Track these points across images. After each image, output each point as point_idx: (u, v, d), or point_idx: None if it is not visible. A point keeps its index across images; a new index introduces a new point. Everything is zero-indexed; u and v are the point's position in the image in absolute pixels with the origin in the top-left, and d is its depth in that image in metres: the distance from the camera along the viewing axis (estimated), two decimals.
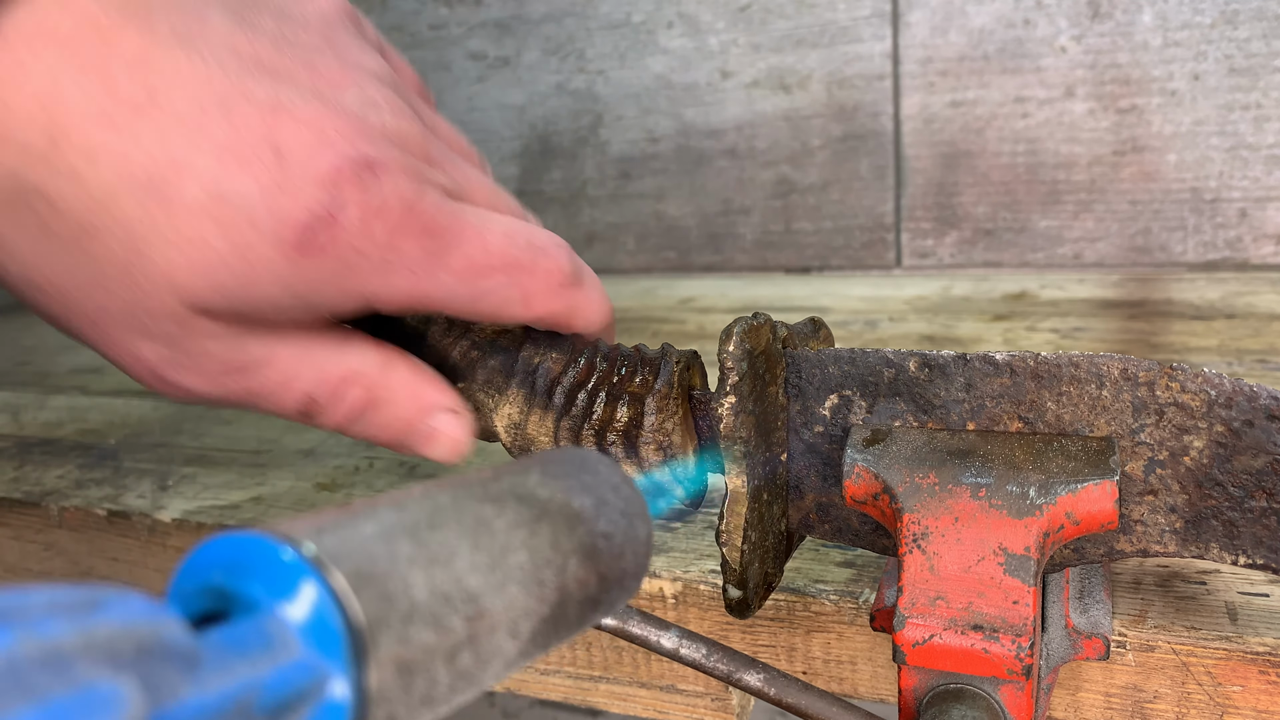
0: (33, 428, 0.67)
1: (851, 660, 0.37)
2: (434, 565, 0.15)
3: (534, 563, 0.17)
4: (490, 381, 0.37)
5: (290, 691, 0.13)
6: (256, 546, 0.14)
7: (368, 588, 0.14)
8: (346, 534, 0.15)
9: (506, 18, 1.05)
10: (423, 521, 0.16)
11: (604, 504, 0.19)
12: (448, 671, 0.15)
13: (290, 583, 0.14)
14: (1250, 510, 0.29)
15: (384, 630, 0.14)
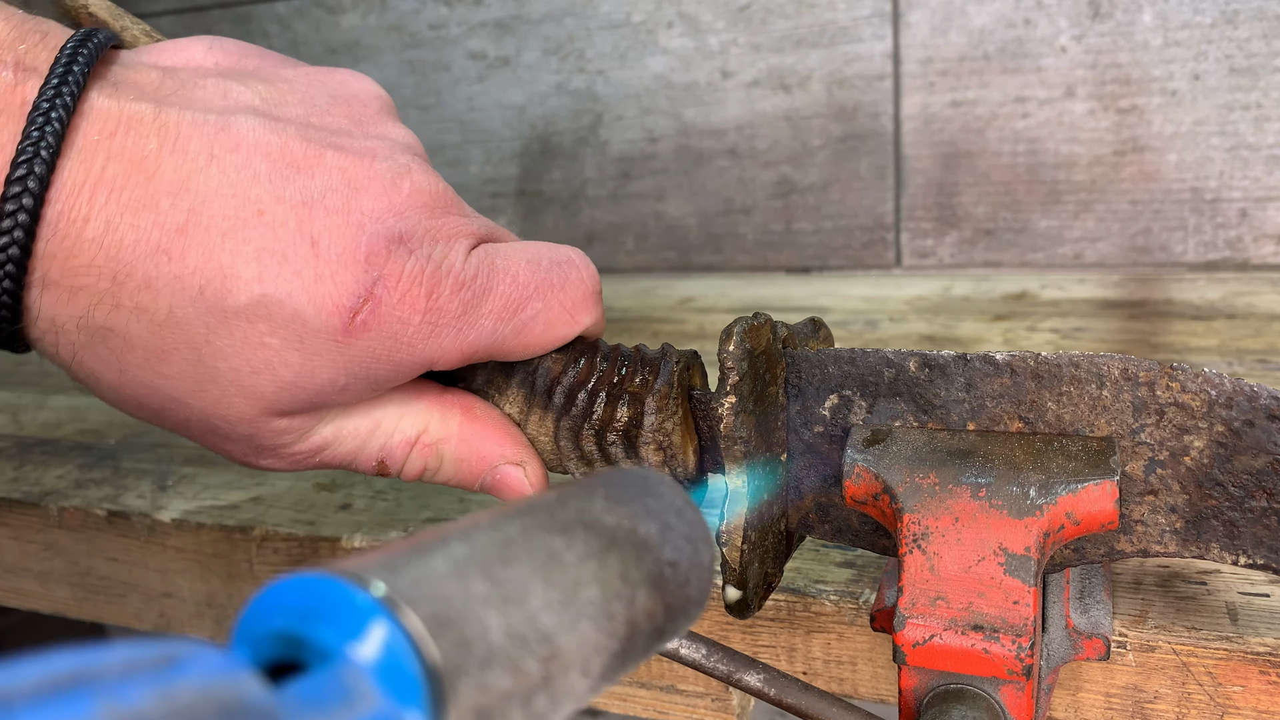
0: (33, 428, 0.67)
1: (852, 660, 0.37)
2: (508, 605, 0.15)
3: (604, 597, 0.17)
4: (490, 381, 0.37)
5: None
6: (327, 589, 0.13)
7: (445, 632, 0.14)
8: (419, 573, 0.14)
9: (506, 18, 1.05)
10: (494, 557, 0.15)
11: (669, 529, 0.19)
12: (522, 715, 0.15)
13: (365, 628, 0.13)
14: (1251, 510, 0.29)
15: (462, 677, 0.14)
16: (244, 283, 0.28)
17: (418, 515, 0.46)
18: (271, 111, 0.30)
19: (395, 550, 0.15)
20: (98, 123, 0.27)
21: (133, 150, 0.27)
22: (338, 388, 0.30)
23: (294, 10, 1.14)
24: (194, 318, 0.28)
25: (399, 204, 0.30)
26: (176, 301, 0.27)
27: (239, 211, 0.28)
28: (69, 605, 0.53)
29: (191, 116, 0.28)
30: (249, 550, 0.47)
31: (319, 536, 0.45)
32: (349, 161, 0.30)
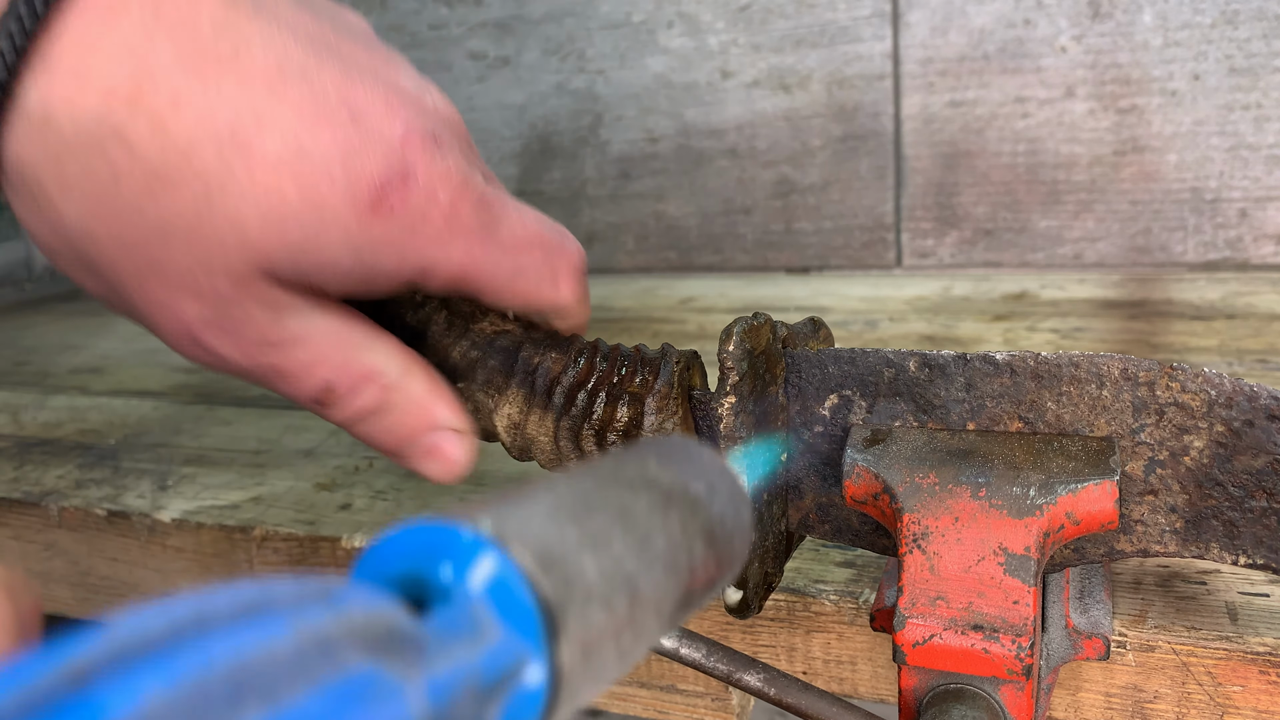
0: (33, 428, 0.67)
1: (851, 660, 0.37)
2: (599, 549, 0.16)
3: (670, 546, 0.18)
4: (490, 381, 0.37)
5: (499, 671, 0.13)
6: (444, 535, 0.14)
7: (552, 570, 0.15)
8: (522, 518, 0.15)
9: (506, 18, 1.05)
10: (579, 507, 0.16)
11: (714, 490, 0.20)
12: (614, 650, 0.16)
13: (483, 566, 0.14)
14: (1250, 510, 0.29)
15: (569, 612, 0.15)
16: (280, 132, 0.27)
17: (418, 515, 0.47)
18: (308, 4, 0.30)
19: (495, 502, 0.16)
20: None
21: None
22: (339, 269, 0.29)
23: None
24: (215, 151, 0.27)
25: (429, 110, 0.30)
26: (200, 126, 0.26)
27: (282, 64, 0.27)
28: (69, 605, 0.53)
29: None
30: (249, 550, 0.47)
31: (319, 536, 0.46)
32: (380, 62, 0.30)
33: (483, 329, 0.38)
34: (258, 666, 0.11)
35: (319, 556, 0.46)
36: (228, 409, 0.67)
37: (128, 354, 0.87)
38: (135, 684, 0.10)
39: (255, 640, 0.11)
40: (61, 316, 1.10)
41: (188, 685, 0.10)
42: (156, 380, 0.77)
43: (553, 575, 0.15)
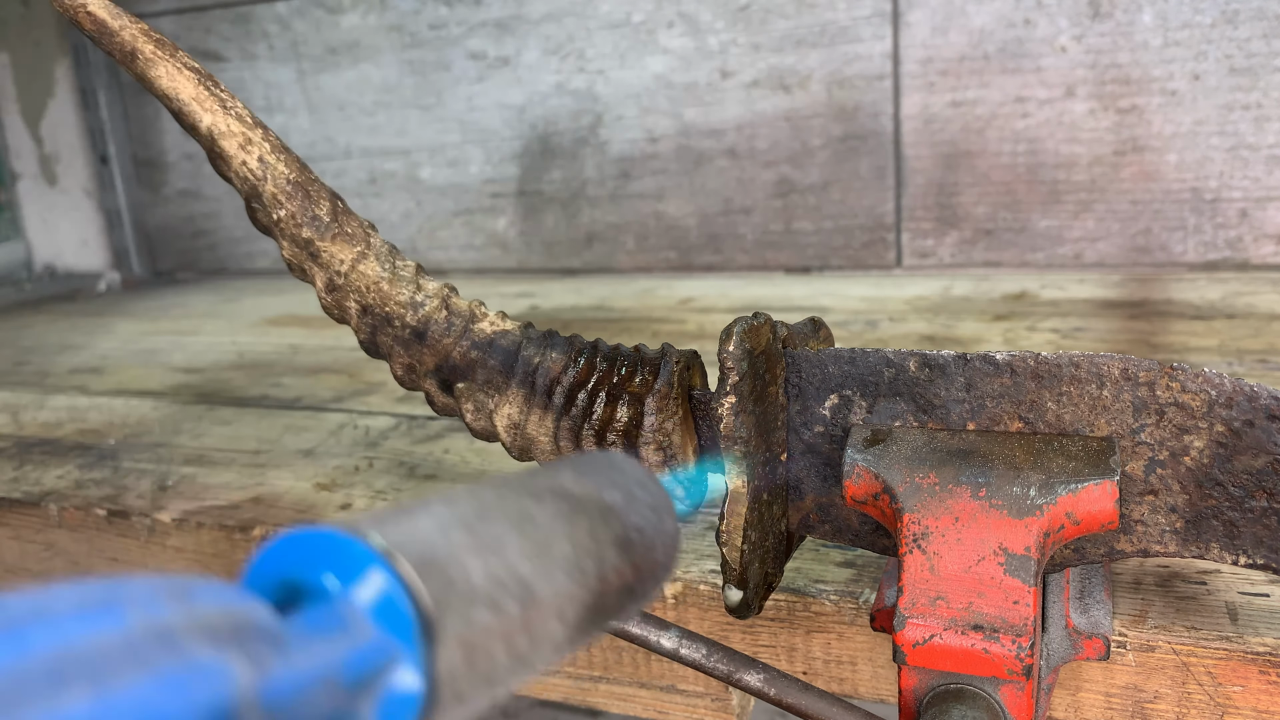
0: (33, 428, 0.67)
1: (851, 660, 0.37)
2: (488, 553, 0.16)
3: (575, 552, 0.18)
4: (490, 381, 0.37)
5: (367, 669, 0.14)
6: (326, 541, 0.15)
7: (432, 573, 0.15)
8: (406, 526, 0.16)
9: (506, 18, 1.05)
10: (473, 514, 0.17)
11: (633, 499, 0.20)
12: (506, 652, 0.16)
13: (360, 571, 0.15)
14: (1251, 510, 0.29)
15: (449, 612, 0.15)
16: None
17: None
18: None
19: (384, 512, 0.16)
20: None
21: None
22: None
23: (294, 10, 1.14)
24: None
25: None
26: None
27: None
28: None
29: None
30: (249, 550, 0.47)
31: None
32: None
33: (482, 329, 0.38)
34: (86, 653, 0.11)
35: None
36: (228, 409, 0.67)
37: (128, 354, 0.87)
38: None
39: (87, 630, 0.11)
40: (61, 316, 1.10)
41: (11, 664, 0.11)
42: (156, 380, 0.77)
43: (431, 579, 0.15)
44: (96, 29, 0.36)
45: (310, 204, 0.39)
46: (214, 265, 1.28)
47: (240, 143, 0.38)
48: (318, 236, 0.39)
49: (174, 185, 1.27)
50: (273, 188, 0.39)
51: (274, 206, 0.39)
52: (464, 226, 1.13)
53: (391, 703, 0.14)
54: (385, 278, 0.39)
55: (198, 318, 1.02)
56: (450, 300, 0.39)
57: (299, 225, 0.39)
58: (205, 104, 0.38)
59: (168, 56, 0.37)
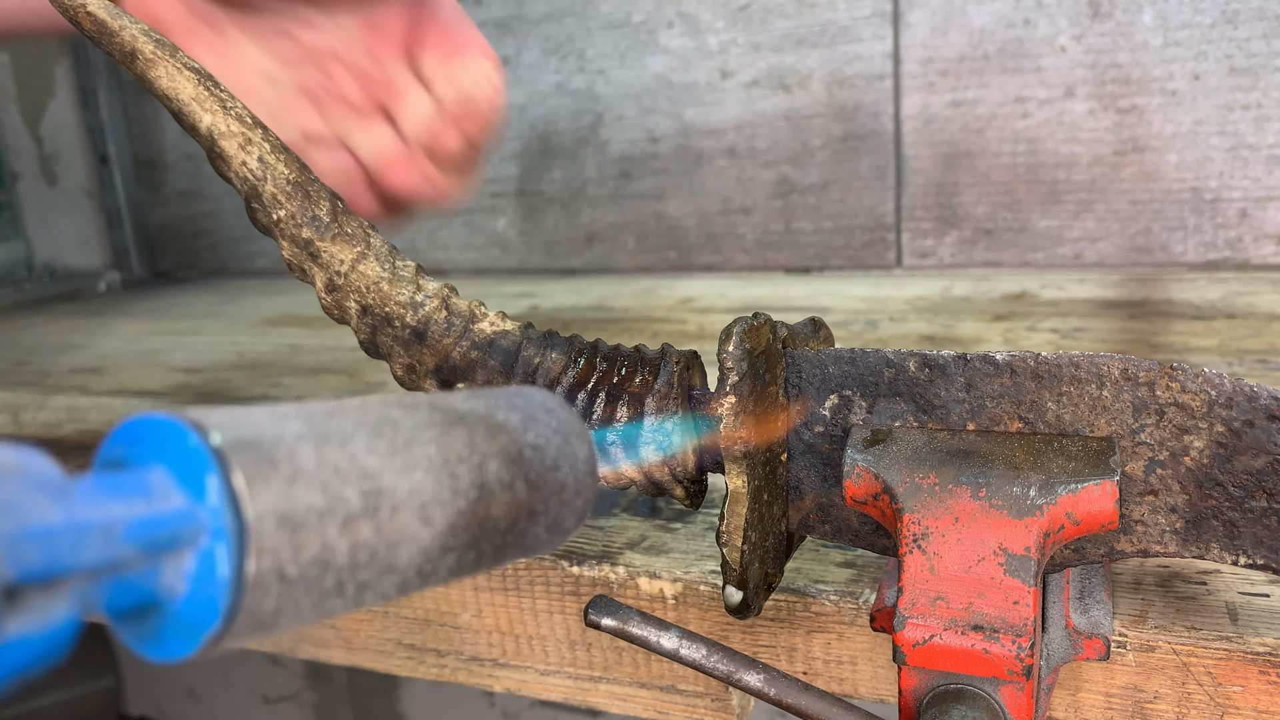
0: (33, 428, 0.67)
1: (852, 660, 0.37)
2: (325, 443, 0.17)
3: (444, 457, 0.18)
4: (490, 382, 0.37)
5: (164, 532, 0.15)
6: (153, 424, 0.16)
7: (248, 450, 0.16)
8: (238, 415, 0.16)
9: (506, 18, 1.05)
10: (321, 413, 0.17)
11: (533, 420, 0.20)
12: (344, 538, 0.16)
13: (177, 448, 0.15)
14: (1251, 510, 0.29)
15: (262, 486, 0.15)
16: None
17: None
18: None
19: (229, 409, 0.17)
20: None
21: None
22: None
23: None
24: None
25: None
26: None
27: None
28: None
29: None
30: None
31: None
32: None
33: (483, 329, 0.38)
34: None
35: None
36: None
37: (128, 354, 0.87)
38: None
39: None
40: (61, 316, 1.10)
41: None
42: (156, 380, 0.77)
43: (247, 454, 0.15)
44: (96, 29, 0.36)
45: (310, 204, 0.39)
46: (214, 265, 1.28)
47: (240, 143, 0.38)
48: (317, 237, 0.39)
49: (174, 185, 1.27)
50: (272, 188, 0.39)
51: (274, 206, 0.39)
52: (464, 226, 1.13)
53: (202, 573, 0.15)
54: (385, 278, 0.39)
55: (198, 318, 1.02)
56: (450, 300, 0.39)
57: (299, 225, 0.39)
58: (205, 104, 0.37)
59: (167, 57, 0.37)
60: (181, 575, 0.15)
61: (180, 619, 0.15)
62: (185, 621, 0.15)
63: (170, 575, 0.15)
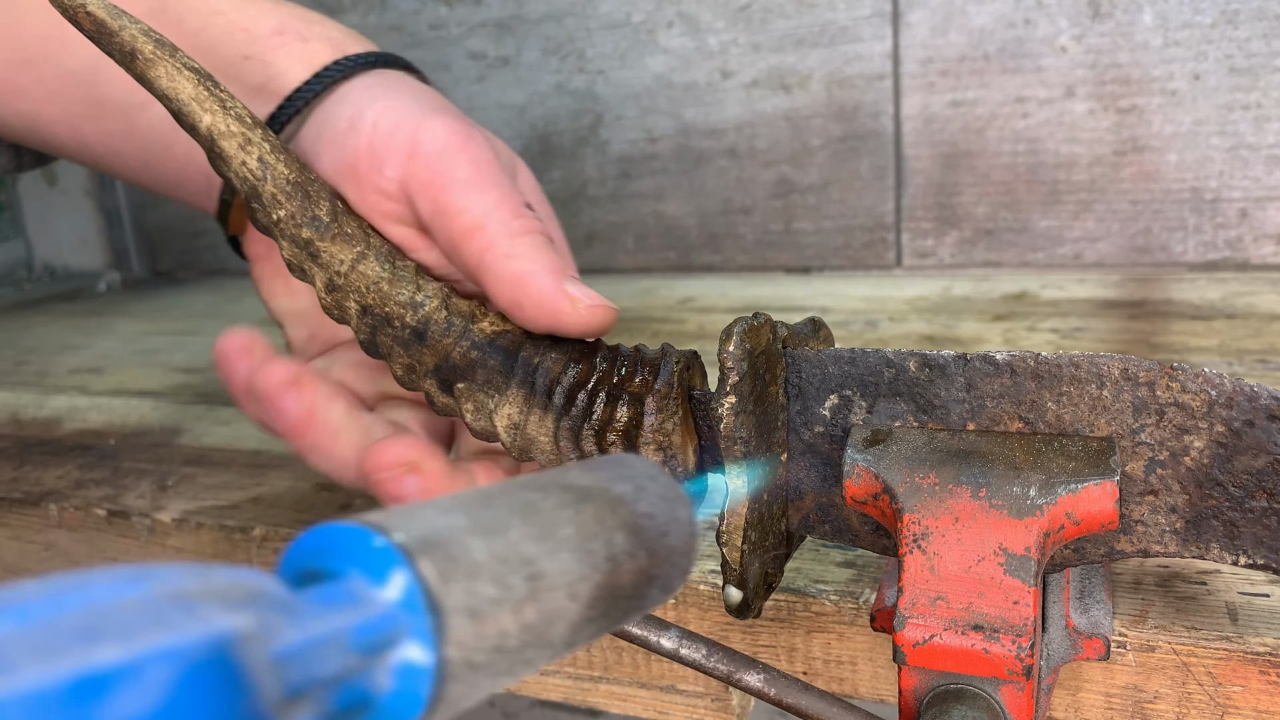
0: (33, 428, 0.67)
1: (852, 660, 0.37)
2: (490, 534, 0.18)
3: (581, 535, 0.20)
4: (490, 381, 0.37)
5: (377, 636, 0.16)
6: (337, 532, 0.17)
7: (433, 550, 0.17)
8: (410, 514, 0.17)
9: (506, 18, 1.05)
10: (475, 503, 0.19)
11: (643, 490, 0.22)
12: (516, 622, 0.18)
13: (368, 552, 0.16)
14: (1251, 510, 0.29)
15: (451, 583, 0.17)
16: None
17: None
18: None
19: (392, 509, 0.18)
20: None
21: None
22: None
23: None
24: None
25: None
26: None
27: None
28: None
29: None
30: (249, 550, 0.47)
31: None
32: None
33: (483, 329, 0.38)
34: (114, 613, 0.13)
35: None
36: (228, 409, 0.67)
37: (128, 354, 0.87)
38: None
39: (122, 594, 0.13)
40: (61, 316, 1.10)
41: (39, 623, 0.12)
42: (156, 380, 0.77)
43: (433, 554, 0.17)
44: (96, 29, 0.36)
45: (310, 204, 0.39)
46: (214, 265, 1.28)
47: (240, 143, 0.38)
48: (317, 236, 0.39)
49: None
50: (272, 188, 0.39)
51: (273, 206, 0.39)
52: None
53: (406, 669, 0.16)
54: (385, 278, 0.39)
55: (198, 318, 1.02)
56: (450, 300, 0.39)
57: (298, 225, 0.39)
58: (205, 104, 0.37)
59: (167, 56, 0.37)
60: (388, 672, 0.16)
61: (387, 712, 0.16)
62: (391, 714, 0.16)
63: (379, 673, 0.16)
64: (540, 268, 0.37)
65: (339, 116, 0.40)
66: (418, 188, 0.38)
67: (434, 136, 0.38)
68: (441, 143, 0.38)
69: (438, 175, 0.38)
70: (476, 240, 0.37)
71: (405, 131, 0.38)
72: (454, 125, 0.39)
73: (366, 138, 0.39)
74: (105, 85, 0.44)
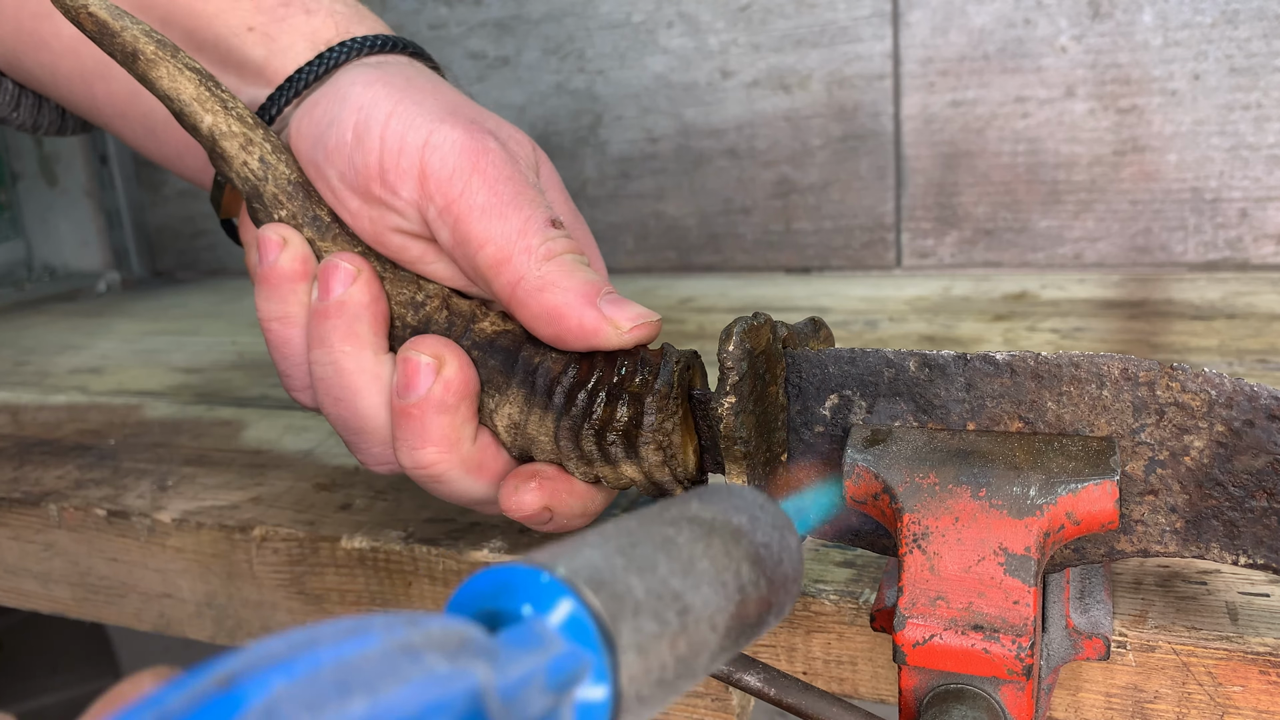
0: (33, 428, 0.67)
1: (852, 660, 0.37)
2: (644, 573, 0.19)
3: (715, 568, 0.21)
4: (490, 381, 0.37)
5: (564, 676, 0.17)
6: (511, 573, 0.18)
7: (602, 590, 0.18)
8: (575, 556, 0.19)
9: (506, 18, 1.05)
10: (625, 543, 0.20)
11: (757, 520, 0.23)
12: (671, 656, 0.19)
13: (547, 595, 0.18)
14: (1251, 510, 0.29)
15: (622, 623, 0.18)
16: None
17: (418, 515, 0.46)
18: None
19: (553, 547, 0.19)
20: None
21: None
22: None
23: None
24: None
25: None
26: None
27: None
28: (69, 605, 0.53)
29: None
30: (249, 550, 0.47)
31: (319, 536, 0.46)
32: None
33: (483, 329, 0.38)
34: (357, 667, 0.14)
35: (319, 557, 0.46)
36: (228, 409, 0.67)
37: (128, 354, 0.87)
38: (266, 681, 0.13)
39: (355, 649, 0.14)
40: (61, 316, 1.10)
41: (304, 680, 0.13)
42: (156, 380, 0.77)
43: (603, 594, 0.18)
44: (98, 29, 0.36)
45: (311, 204, 0.39)
46: (214, 265, 1.28)
47: (241, 143, 0.38)
48: (318, 236, 0.39)
49: (174, 185, 1.27)
50: (274, 188, 0.39)
51: (275, 206, 0.39)
52: None
53: (586, 705, 0.17)
54: (386, 277, 0.39)
55: (198, 318, 1.02)
56: (451, 300, 0.39)
57: (300, 225, 0.39)
58: (206, 104, 0.37)
59: (169, 57, 0.37)
60: (571, 709, 0.17)
61: None
62: None
63: (564, 711, 0.17)
64: (574, 296, 0.35)
65: (342, 123, 0.38)
66: (435, 215, 0.37)
67: (442, 158, 0.37)
68: (452, 164, 0.37)
69: (452, 203, 0.36)
70: (505, 274, 0.36)
71: (413, 149, 0.37)
72: (463, 139, 0.37)
73: (375, 156, 0.37)
74: None
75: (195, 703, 0.13)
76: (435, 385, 0.36)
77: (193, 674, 0.13)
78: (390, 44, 0.44)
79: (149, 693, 0.13)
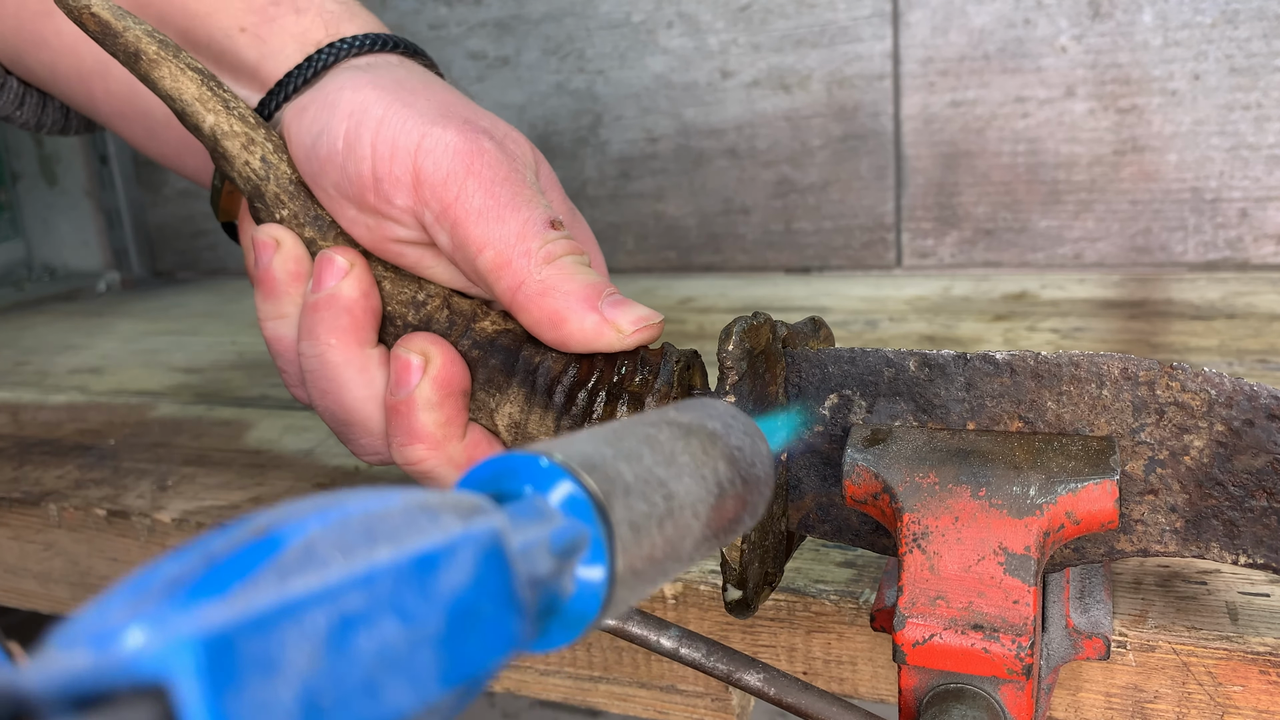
0: (33, 428, 0.67)
1: (852, 660, 0.37)
2: (631, 460, 0.21)
3: (695, 463, 0.22)
4: (491, 380, 0.37)
5: (566, 543, 0.18)
6: (514, 460, 0.19)
7: (595, 472, 0.19)
8: (569, 445, 0.20)
9: (506, 17, 1.05)
10: (612, 437, 0.21)
11: (730, 426, 0.24)
12: (660, 536, 0.20)
13: (546, 476, 0.19)
14: (1251, 510, 0.29)
15: (614, 499, 0.19)
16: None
17: None
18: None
19: (550, 440, 0.21)
20: None
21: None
22: None
23: None
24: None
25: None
26: None
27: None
28: (69, 605, 0.53)
29: None
30: None
31: None
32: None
33: (484, 328, 0.38)
34: (383, 518, 0.15)
35: None
36: (228, 409, 0.67)
37: (128, 354, 0.87)
38: (303, 526, 0.14)
39: (380, 505, 0.16)
40: (61, 316, 1.10)
41: (335, 525, 0.15)
42: (156, 380, 0.77)
43: (596, 475, 0.19)
44: (100, 30, 0.36)
45: (312, 204, 0.39)
46: (214, 265, 1.28)
47: (243, 143, 0.38)
48: (320, 236, 0.39)
49: (174, 185, 1.27)
50: (275, 187, 0.39)
51: (276, 206, 0.39)
52: None
53: (586, 575, 0.19)
54: (387, 276, 0.39)
55: (198, 318, 1.02)
56: (451, 299, 0.39)
57: (301, 225, 0.39)
58: (208, 104, 0.38)
59: (171, 57, 0.37)
60: (572, 578, 0.19)
61: (568, 614, 0.19)
62: (572, 616, 0.19)
63: (565, 579, 0.19)
64: (575, 300, 0.35)
65: (333, 132, 0.37)
66: (432, 220, 0.37)
67: (436, 161, 0.36)
68: (446, 168, 0.36)
69: (449, 207, 0.36)
70: (506, 279, 0.36)
71: (405, 154, 0.36)
72: (457, 140, 0.37)
73: (368, 165, 0.37)
74: None
75: (239, 545, 0.14)
76: (422, 382, 0.36)
77: (227, 528, 0.15)
78: (381, 43, 0.43)
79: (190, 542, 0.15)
